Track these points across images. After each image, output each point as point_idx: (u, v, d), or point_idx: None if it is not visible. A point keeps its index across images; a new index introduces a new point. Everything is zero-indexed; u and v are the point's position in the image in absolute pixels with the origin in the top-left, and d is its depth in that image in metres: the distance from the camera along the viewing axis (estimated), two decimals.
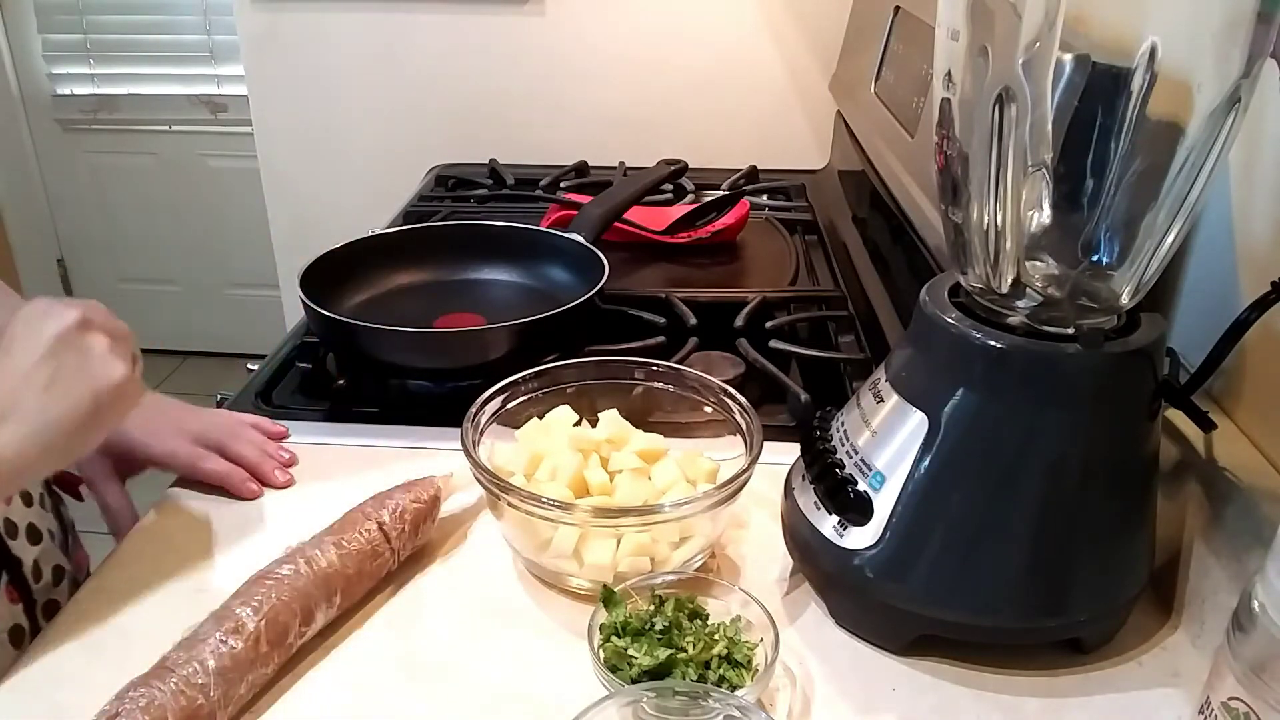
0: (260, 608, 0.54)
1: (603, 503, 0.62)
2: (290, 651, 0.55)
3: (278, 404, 0.84)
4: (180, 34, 2.61)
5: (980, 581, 0.54)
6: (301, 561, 0.57)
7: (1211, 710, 0.45)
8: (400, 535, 0.61)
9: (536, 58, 1.50)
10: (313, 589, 0.56)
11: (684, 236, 1.15)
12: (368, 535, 0.60)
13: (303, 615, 0.55)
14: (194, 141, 2.70)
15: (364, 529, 0.60)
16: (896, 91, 1.06)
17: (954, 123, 0.52)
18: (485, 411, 0.67)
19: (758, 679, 0.52)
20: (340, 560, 0.58)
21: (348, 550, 0.59)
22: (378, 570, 0.61)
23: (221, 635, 0.52)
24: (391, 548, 0.61)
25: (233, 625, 0.53)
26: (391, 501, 0.63)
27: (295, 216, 1.66)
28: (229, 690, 0.51)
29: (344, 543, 0.59)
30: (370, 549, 0.60)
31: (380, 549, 0.60)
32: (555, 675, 0.56)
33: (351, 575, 0.58)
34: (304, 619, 0.55)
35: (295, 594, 0.55)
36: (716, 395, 0.69)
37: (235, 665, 0.51)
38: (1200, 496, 0.59)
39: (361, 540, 0.60)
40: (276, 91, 1.58)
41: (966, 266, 0.55)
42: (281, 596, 0.55)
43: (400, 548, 0.62)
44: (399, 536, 0.61)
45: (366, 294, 0.95)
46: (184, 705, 0.49)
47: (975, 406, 0.53)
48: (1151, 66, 0.45)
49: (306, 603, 0.56)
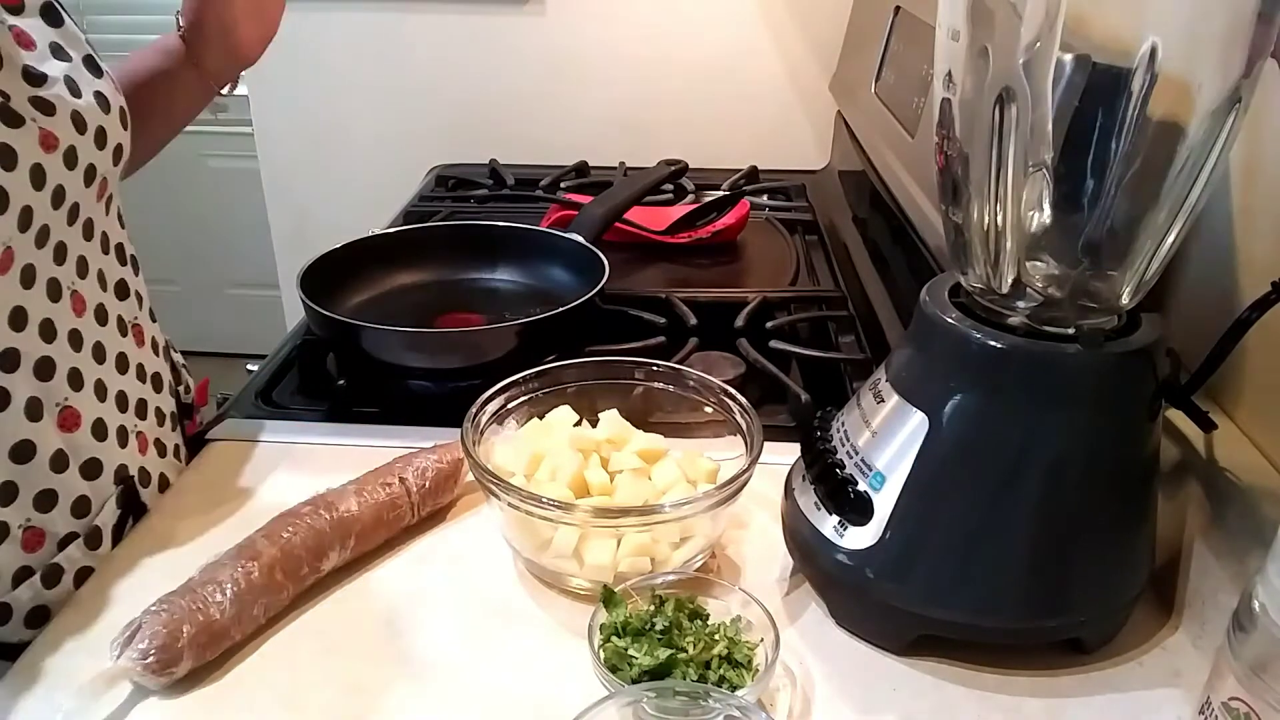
0: (278, 542, 0.59)
1: (603, 503, 0.62)
2: (303, 584, 0.60)
3: (278, 404, 0.84)
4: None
5: (980, 581, 0.54)
6: (323, 506, 0.62)
7: (1212, 710, 0.45)
8: (421, 491, 0.66)
9: (536, 58, 1.50)
10: (329, 531, 0.61)
11: (684, 237, 1.15)
12: (389, 490, 0.65)
13: (317, 553, 0.60)
14: (194, 141, 2.69)
15: (386, 482, 0.65)
16: (897, 91, 1.06)
17: (954, 123, 0.52)
18: (485, 411, 0.67)
19: (758, 679, 0.52)
20: (359, 508, 0.63)
21: (368, 500, 0.63)
22: (395, 522, 0.65)
23: (241, 562, 0.57)
24: (411, 503, 0.65)
25: (251, 554, 0.58)
26: (419, 460, 0.67)
27: (295, 216, 1.66)
28: (243, 611, 0.56)
29: (365, 492, 0.64)
30: (390, 501, 0.64)
31: (400, 502, 0.65)
32: (555, 675, 0.56)
33: (368, 524, 0.63)
34: (317, 557, 0.60)
35: (312, 534, 0.60)
36: (717, 395, 0.69)
37: (250, 589, 0.56)
38: (1200, 496, 0.59)
39: (383, 493, 0.64)
40: (276, 91, 1.58)
41: (967, 267, 0.55)
42: (299, 535, 0.60)
43: (419, 503, 0.66)
44: (419, 492, 0.66)
45: (366, 294, 0.95)
46: (200, 621, 0.54)
47: (975, 406, 0.53)
48: (1152, 67, 0.45)
49: (321, 543, 0.61)
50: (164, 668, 0.52)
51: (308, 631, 0.59)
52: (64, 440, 0.62)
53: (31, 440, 0.60)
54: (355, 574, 0.63)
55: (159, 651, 0.52)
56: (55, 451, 0.61)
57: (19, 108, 0.57)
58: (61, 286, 0.62)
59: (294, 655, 0.57)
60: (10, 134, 0.56)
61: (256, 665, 0.56)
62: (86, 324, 0.64)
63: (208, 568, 0.57)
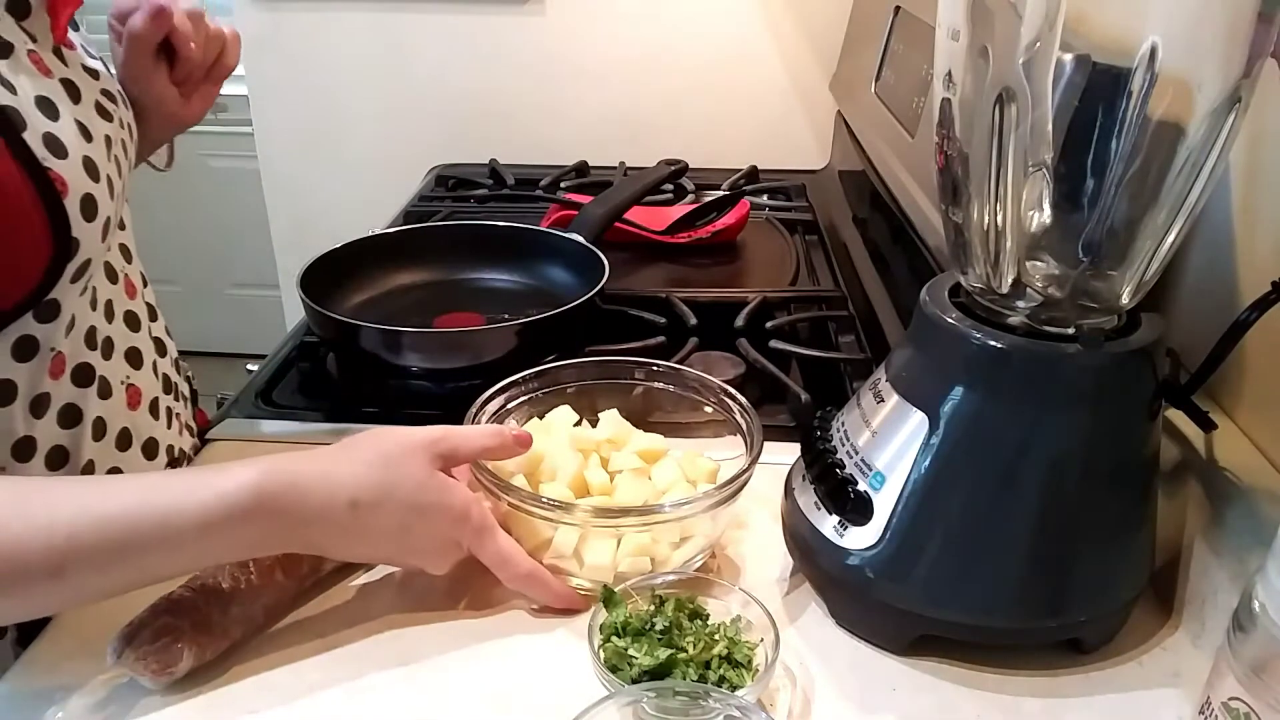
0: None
1: (603, 503, 0.62)
2: (303, 584, 0.60)
3: (278, 404, 0.84)
4: None
5: (980, 581, 0.54)
6: None
7: (1212, 710, 0.45)
8: None
9: (536, 58, 1.50)
10: None
11: (684, 236, 1.15)
12: None
13: (317, 555, 0.60)
14: (194, 141, 2.69)
15: None
16: (897, 91, 1.06)
17: (954, 123, 0.52)
18: (485, 411, 0.67)
19: (758, 679, 0.52)
20: None
21: None
22: None
23: (241, 562, 0.57)
24: None
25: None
26: None
27: (295, 216, 1.66)
28: (243, 611, 0.56)
29: None
30: None
31: None
32: (555, 675, 0.56)
33: None
34: (317, 557, 0.60)
35: None
36: (716, 395, 0.69)
37: (250, 589, 0.57)
38: (1200, 496, 0.59)
39: None
40: (276, 91, 1.58)
41: (967, 266, 0.55)
42: None
43: None
44: None
45: (366, 294, 0.95)
46: (200, 621, 0.54)
47: (975, 406, 0.53)
48: (1152, 66, 0.45)
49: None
50: (164, 668, 0.52)
51: (308, 631, 0.59)
52: (129, 419, 0.65)
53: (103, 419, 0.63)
54: (355, 574, 0.63)
55: (159, 651, 0.52)
56: (121, 430, 0.64)
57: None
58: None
59: (294, 655, 0.57)
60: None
61: (256, 665, 0.56)
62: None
63: (208, 567, 0.57)
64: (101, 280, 0.65)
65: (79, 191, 0.57)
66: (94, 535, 0.49)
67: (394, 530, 0.56)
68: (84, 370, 0.63)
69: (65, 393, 0.62)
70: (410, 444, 0.57)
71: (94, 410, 0.64)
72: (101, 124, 0.62)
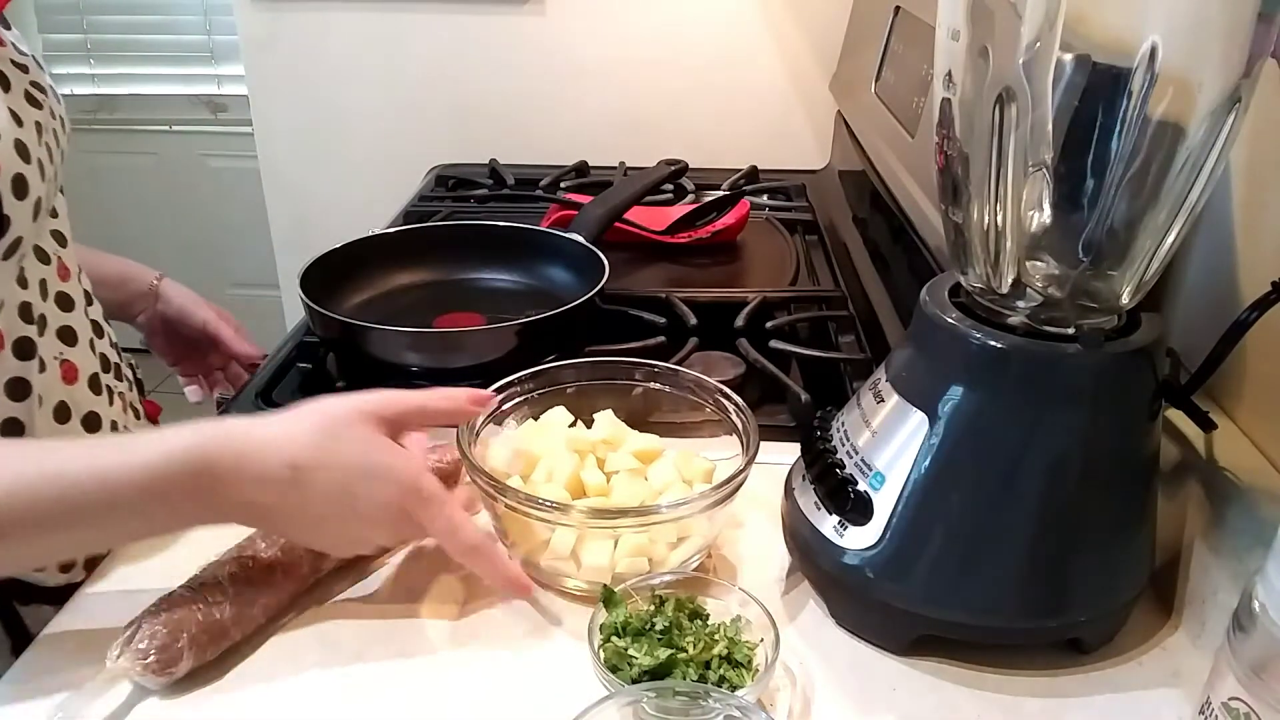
0: (278, 542, 0.59)
1: (600, 504, 0.62)
2: (304, 584, 0.60)
3: (278, 404, 0.83)
4: (180, 34, 2.61)
5: (980, 581, 0.54)
6: None
7: (1212, 710, 0.45)
8: None
9: (536, 58, 1.50)
10: None
11: (684, 236, 1.15)
12: None
13: (317, 553, 0.60)
14: (194, 141, 2.70)
15: None
16: (897, 91, 1.06)
17: (954, 123, 0.52)
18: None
19: (758, 679, 0.52)
20: None
21: None
22: None
23: (241, 562, 0.58)
24: None
25: (251, 554, 0.58)
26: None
27: (295, 216, 1.66)
28: (243, 611, 0.56)
29: None
30: None
31: None
32: (555, 675, 0.56)
33: None
34: (317, 557, 0.60)
35: None
36: (713, 395, 0.68)
37: (250, 589, 0.57)
38: (1200, 496, 0.59)
39: None
40: (276, 91, 1.58)
41: (967, 266, 0.55)
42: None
43: None
44: None
45: (366, 294, 0.95)
46: (200, 621, 0.54)
47: (975, 406, 0.53)
48: (1152, 66, 0.45)
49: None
50: (164, 668, 0.52)
51: (308, 631, 0.59)
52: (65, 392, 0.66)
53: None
54: (355, 574, 0.63)
55: (159, 651, 0.52)
56: (58, 403, 0.65)
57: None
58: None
59: (294, 655, 0.57)
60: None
61: (256, 665, 0.56)
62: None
63: (208, 567, 0.57)
64: (33, 261, 0.67)
65: (10, 171, 0.60)
66: (32, 493, 0.49)
67: (336, 494, 0.54)
68: (25, 344, 0.65)
69: (11, 366, 0.64)
70: (356, 407, 0.56)
71: (36, 385, 0.65)
72: (31, 111, 0.65)
